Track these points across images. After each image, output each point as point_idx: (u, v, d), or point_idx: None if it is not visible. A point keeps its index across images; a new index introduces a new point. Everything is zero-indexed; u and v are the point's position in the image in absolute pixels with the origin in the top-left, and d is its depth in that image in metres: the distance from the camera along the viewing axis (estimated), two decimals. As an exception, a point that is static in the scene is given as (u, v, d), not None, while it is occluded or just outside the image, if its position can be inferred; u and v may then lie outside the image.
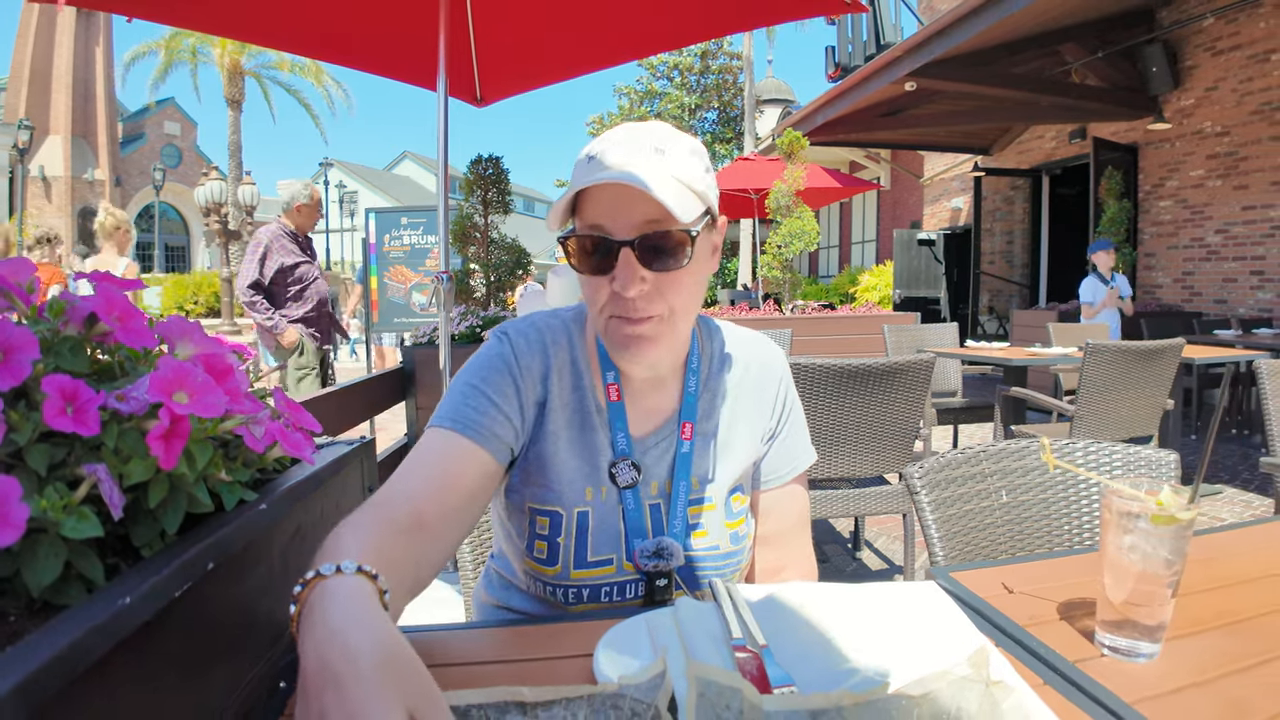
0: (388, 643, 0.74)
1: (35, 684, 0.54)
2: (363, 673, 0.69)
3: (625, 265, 1.22)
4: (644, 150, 1.24)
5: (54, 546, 0.69)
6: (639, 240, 1.22)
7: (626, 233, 1.22)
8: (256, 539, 0.91)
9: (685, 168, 1.25)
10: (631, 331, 1.27)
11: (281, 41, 4.98)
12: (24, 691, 0.53)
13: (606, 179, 1.18)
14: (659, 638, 1.01)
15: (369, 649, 0.71)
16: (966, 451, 1.83)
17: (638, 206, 1.21)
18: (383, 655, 0.71)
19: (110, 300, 0.84)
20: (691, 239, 1.24)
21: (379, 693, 0.67)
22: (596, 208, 1.25)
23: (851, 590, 1.19)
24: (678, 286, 1.27)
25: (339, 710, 0.66)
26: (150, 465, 0.76)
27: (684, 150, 1.28)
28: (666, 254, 1.23)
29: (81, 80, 34.27)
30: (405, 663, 0.73)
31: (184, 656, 0.77)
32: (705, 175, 1.29)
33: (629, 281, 1.22)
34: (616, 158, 1.23)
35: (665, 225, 1.22)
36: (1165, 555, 1.00)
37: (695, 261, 1.27)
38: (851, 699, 0.78)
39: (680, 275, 1.26)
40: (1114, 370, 4.56)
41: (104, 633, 0.63)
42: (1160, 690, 0.94)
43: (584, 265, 1.28)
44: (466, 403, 1.31)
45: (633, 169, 1.20)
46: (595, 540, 1.37)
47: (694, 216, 1.23)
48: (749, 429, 1.50)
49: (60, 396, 0.72)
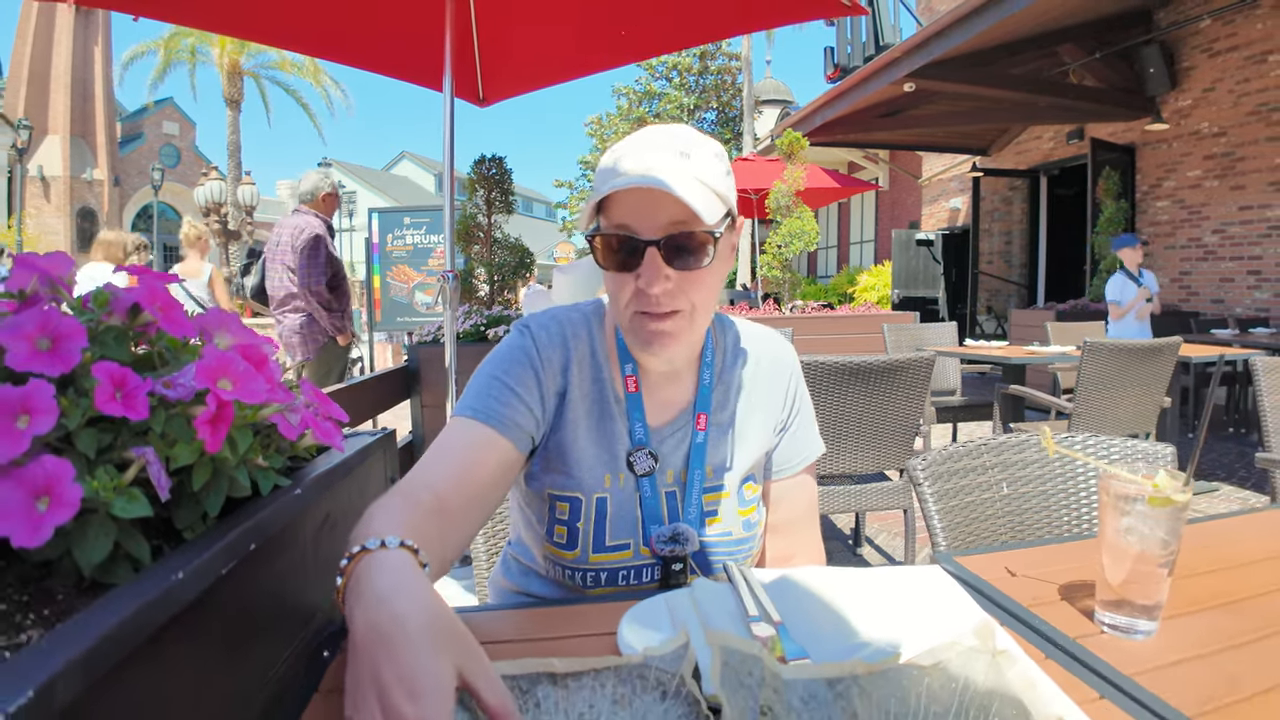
0: (433, 607, 0.80)
1: (95, 656, 0.58)
2: (411, 634, 0.74)
3: (650, 264, 1.27)
4: (670, 153, 1.28)
5: (104, 526, 0.72)
6: (664, 240, 1.26)
7: (653, 233, 1.27)
8: (291, 522, 0.94)
9: (709, 171, 1.30)
10: (655, 327, 1.32)
11: (287, 40, 5.02)
12: (86, 663, 0.56)
13: (635, 183, 1.23)
14: (679, 615, 1.05)
15: (416, 612, 0.77)
16: (968, 444, 1.87)
17: (664, 208, 1.25)
18: (429, 618, 0.77)
19: (153, 292, 0.87)
20: (714, 239, 1.29)
21: (428, 651, 0.73)
22: (624, 209, 1.29)
23: (860, 573, 1.24)
24: (699, 284, 1.32)
25: (391, 669, 0.72)
26: (196, 449, 0.79)
27: (708, 154, 1.32)
28: (690, 253, 1.28)
29: (80, 80, 34.23)
30: (450, 624, 0.78)
31: (226, 634, 0.81)
32: (726, 178, 1.34)
33: (654, 279, 1.27)
34: (644, 161, 1.27)
35: (690, 226, 1.26)
36: (1161, 536, 1.04)
37: (717, 261, 1.32)
38: (865, 668, 0.82)
39: (702, 274, 1.31)
40: (1111, 368, 4.61)
41: (157, 607, 0.66)
42: (1158, 664, 0.98)
43: (610, 263, 1.32)
44: (489, 393, 1.36)
45: (659, 173, 1.24)
46: (613, 526, 1.42)
47: (717, 218, 1.28)
48: (761, 420, 1.55)
49: (110, 383, 0.75)
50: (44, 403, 0.70)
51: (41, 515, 0.66)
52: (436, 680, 0.72)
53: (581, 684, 0.85)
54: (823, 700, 0.80)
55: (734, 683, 0.76)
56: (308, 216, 5.92)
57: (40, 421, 0.69)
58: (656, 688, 0.83)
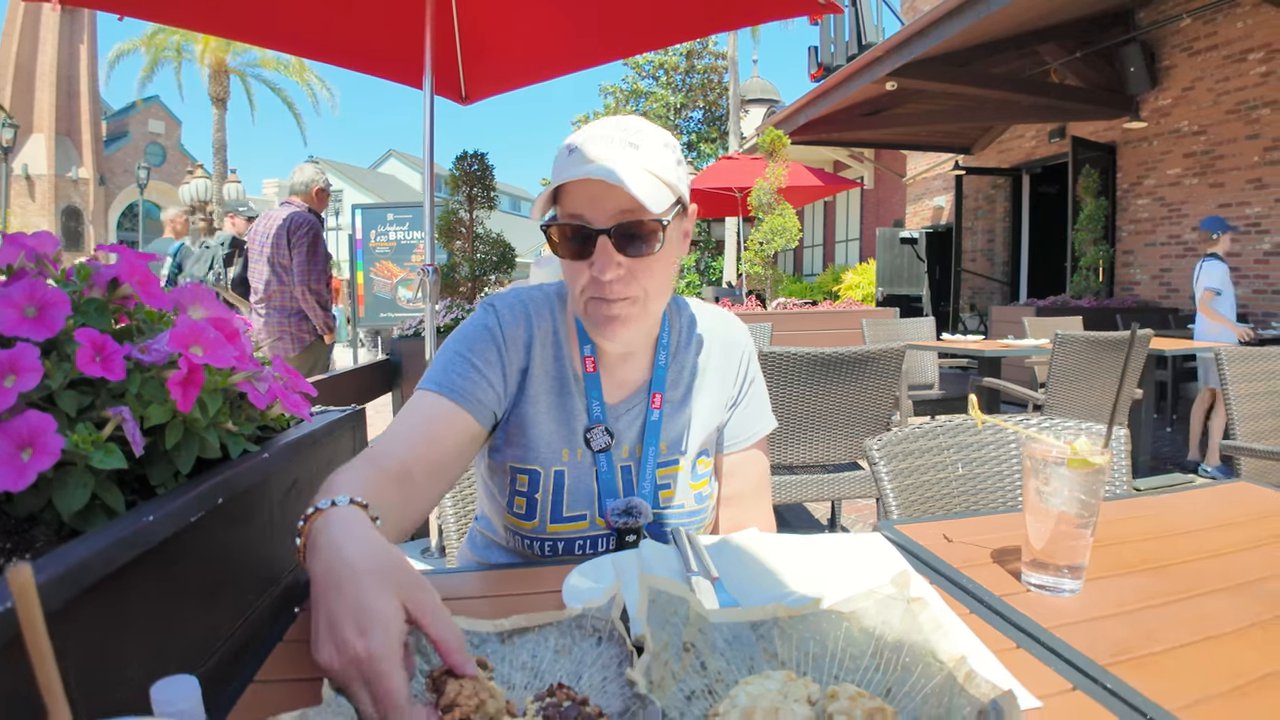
0: (380, 550, 0.86)
1: (72, 576, 0.65)
2: (359, 574, 0.81)
3: (602, 251, 1.32)
4: (619, 144, 1.34)
5: (83, 477, 0.79)
6: (615, 229, 1.32)
7: (603, 222, 1.32)
8: (259, 483, 1.01)
9: (657, 160, 1.35)
10: (608, 312, 1.37)
11: (269, 39, 5.04)
12: (63, 581, 0.64)
13: (585, 174, 1.29)
14: (622, 571, 1.12)
15: (364, 556, 0.84)
16: (924, 426, 1.94)
17: (613, 198, 1.30)
18: (376, 560, 0.84)
19: (132, 266, 0.94)
20: (663, 227, 1.33)
21: (375, 589, 0.80)
22: (576, 199, 1.34)
23: (803, 539, 1.31)
24: (650, 271, 1.37)
25: (341, 606, 0.79)
26: (169, 409, 0.86)
27: (657, 144, 1.38)
28: (640, 241, 1.33)
29: (65, 78, 34.05)
30: (396, 564, 0.85)
31: (197, 579, 0.87)
32: (677, 167, 1.40)
33: (606, 266, 1.32)
34: (594, 151, 1.34)
35: (638, 215, 1.31)
36: (1081, 498, 1.11)
37: (667, 247, 1.37)
38: (786, 612, 0.88)
39: (652, 261, 1.36)
40: (1082, 360, 4.69)
41: (129, 544, 0.74)
42: (1078, 619, 1.05)
43: (565, 251, 1.37)
44: (453, 368, 1.42)
45: (608, 163, 1.31)
46: (571, 497, 1.49)
47: (665, 206, 1.32)
48: (713, 397, 1.61)
49: (91, 346, 0.82)
50: (29, 363, 0.76)
51: (25, 463, 0.73)
52: (383, 616, 0.77)
53: (526, 639, 0.92)
54: (746, 641, 0.86)
55: (659, 620, 0.82)
56: (300, 210, 5.74)
57: (26, 379, 0.76)
58: (593, 634, 0.90)
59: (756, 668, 0.83)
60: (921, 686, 0.79)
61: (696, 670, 0.81)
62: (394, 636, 0.76)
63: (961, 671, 0.77)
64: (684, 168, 1.43)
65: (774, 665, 0.84)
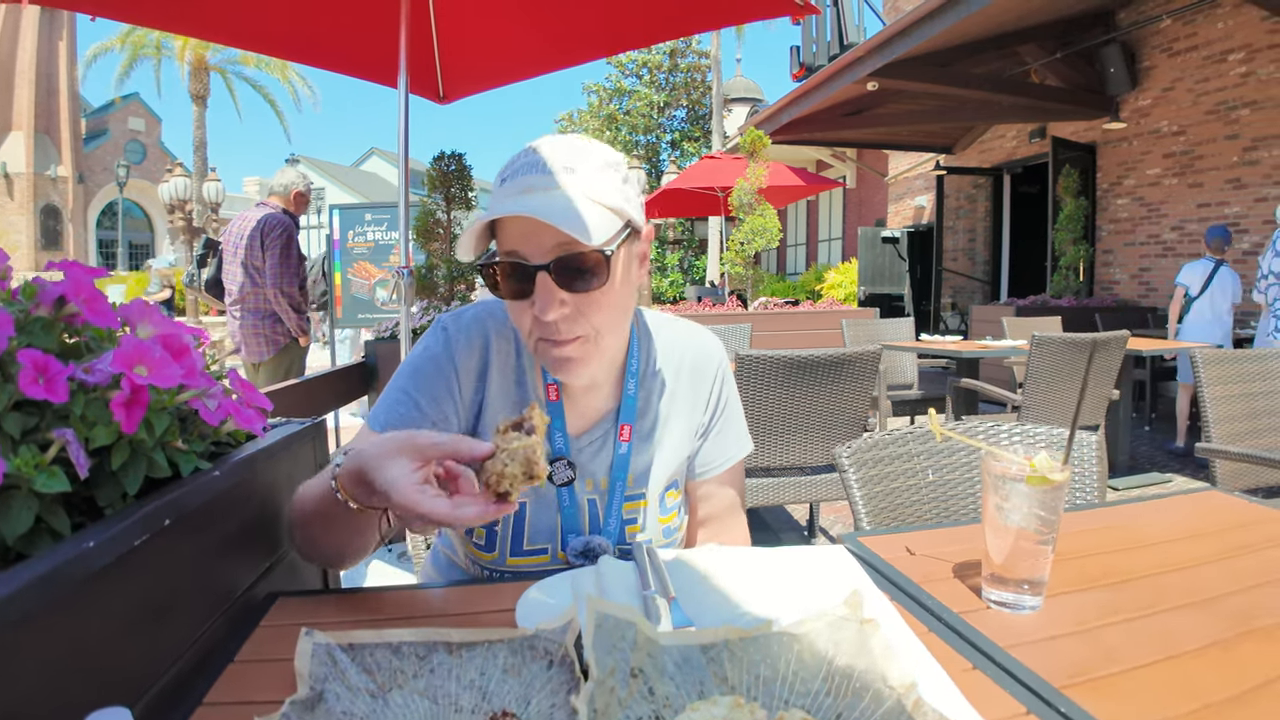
0: (372, 443, 1.05)
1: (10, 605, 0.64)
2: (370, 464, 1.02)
3: (543, 289, 1.21)
4: (552, 173, 1.23)
5: (27, 500, 0.78)
6: (554, 264, 1.21)
7: (541, 257, 1.21)
8: (210, 502, 1.00)
9: (597, 184, 1.24)
10: (558, 354, 1.28)
11: (243, 39, 4.98)
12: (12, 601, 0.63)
13: (510, 212, 1.19)
14: (579, 590, 1.11)
15: (367, 454, 1.03)
16: (894, 433, 1.94)
17: (548, 232, 1.19)
18: (373, 449, 1.03)
19: (78, 284, 0.92)
20: (606, 258, 1.23)
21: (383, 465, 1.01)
22: (510, 235, 1.24)
23: (765, 553, 1.30)
24: (598, 306, 1.26)
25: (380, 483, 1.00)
26: (113, 430, 0.85)
27: (594, 166, 1.26)
28: (585, 275, 1.22)
29: (44, 75, 33.77)
30: (387, 441, 1.03)
31: (143, 601, 0.86)
32: (623, 186, 1.28)
33: (548, 305, 1.22)
34: (526, 181, 1.23)
35: (577, 248, 1.20)
36: (1040, 514, 1.10)
37: (615, 279, 1.27)
38: (738, 634, 0.88)
39: (598, 296, 1.25)
40: (1059, 361, 4.71)
41: (70, 568, 0.73)
42: (1036, 638, 1.04)
43: (505, 290, 1.27)
44: (397, 407, 1.38)
45: (538, 196, 1.21)
46: (532, 530, 1.43)
47: (608, 235, 1.22)
48: (683, 426, 1.54)
49: (33, 368, 0.80)
50: (-33, 386, 0.75)
51: (-36, 489, 0.72)
52: (395, 476, 0.99)
53: (475, 653, 0.90)
54: (696, 664, 0.85)
55: (606, 645, 0.81)
56: (274, 212, 5.68)
57: (-37, 403, 0.74)
58: (544, 657, 0.89)
59: (707, 692, 0.82)
60: (871, 712, 0.79)
61: (644, 696, 0.80)
62: (410, 488, 0.98)
63: (910, 699, 0.77)
64: (633, 186, 1.32)
65: (724, 689, 0.83)
